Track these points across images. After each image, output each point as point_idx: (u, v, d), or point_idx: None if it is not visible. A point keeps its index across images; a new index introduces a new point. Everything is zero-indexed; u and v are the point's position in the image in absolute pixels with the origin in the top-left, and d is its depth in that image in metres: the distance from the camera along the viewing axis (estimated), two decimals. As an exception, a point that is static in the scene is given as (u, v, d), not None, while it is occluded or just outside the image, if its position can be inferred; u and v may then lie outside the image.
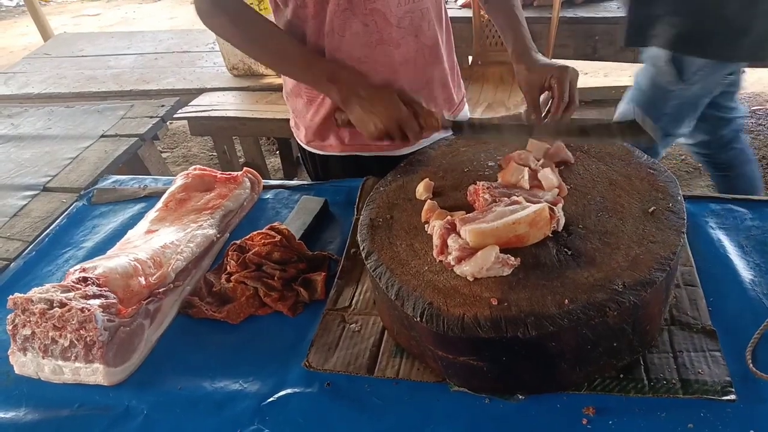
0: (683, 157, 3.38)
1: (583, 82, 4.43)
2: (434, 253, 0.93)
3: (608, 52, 3.19)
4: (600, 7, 3.16)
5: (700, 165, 3.28)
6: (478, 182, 1.03)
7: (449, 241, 0.91)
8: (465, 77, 3.09)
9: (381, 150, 1.41)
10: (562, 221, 0.95)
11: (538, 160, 1.08)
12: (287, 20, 1.27)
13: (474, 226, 0.89)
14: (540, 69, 1.21)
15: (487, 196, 0.99)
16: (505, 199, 0.97)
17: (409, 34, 1.27)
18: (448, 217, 0.96)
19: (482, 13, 3.08)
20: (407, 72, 1.31)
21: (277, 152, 3.58)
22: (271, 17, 1.31)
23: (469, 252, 0.88)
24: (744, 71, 2.16)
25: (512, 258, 0.87)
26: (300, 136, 1.49)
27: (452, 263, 0.89)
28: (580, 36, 3.17)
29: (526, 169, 1.04)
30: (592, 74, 4.44)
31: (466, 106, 1.57)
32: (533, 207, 0.90)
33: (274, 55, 1.26)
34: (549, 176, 1.02)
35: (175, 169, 3.73)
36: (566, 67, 1.18)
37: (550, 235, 0.92)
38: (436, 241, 0.93)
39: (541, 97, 1.21)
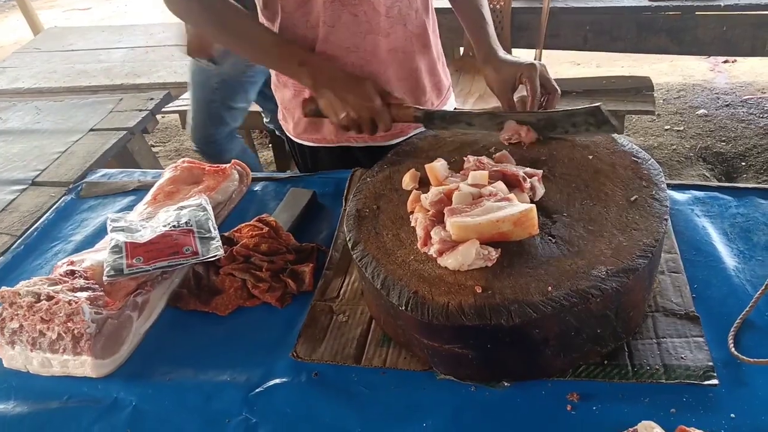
0: (674, 146, 3.39)
1: (574, 73, 4.44)
2: (419, 244, 0.93)
3: (600, 42, 3.19)
4: (591, -4, 3.16)
5: (691, 155, 3.30)
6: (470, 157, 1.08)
7: (432, 234, 0.91)
8: (456, 68, 3.08)
9: (371, 140, 1.41)
10: (540, 191, 0.99)
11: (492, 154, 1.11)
12: (277, 11, 1.26)
13: (457, 220, 0.89)
14: (508, 68, 1.21)
15: (471, 163, 1.04)
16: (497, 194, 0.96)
17: (397, 23, 1.27)
18: (432, 211, 0.95)
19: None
20: (395, 60, 1.31)
21: (270, 145, 3.57)
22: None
23: (450, 245, 0.88)
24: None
25: (493, 252, 0.87)
26: (288, 129, 1.49)
27: (434, 255, 0.90)
28: (571, 26, 3.16)
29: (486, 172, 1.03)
30: (584, 64, 4.45)
31: (453, 95, 1.57)
32: (520, 206, 0.89)
33: (245, 40, 1.25)
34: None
35: (167, 162, 3.71)
36: (533, 64, 1.18)
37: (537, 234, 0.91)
38: (419, 232, 0.93)
39: (515, 97, 1.21)
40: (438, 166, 1.04)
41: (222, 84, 2.35)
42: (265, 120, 2.85)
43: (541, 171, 1.02)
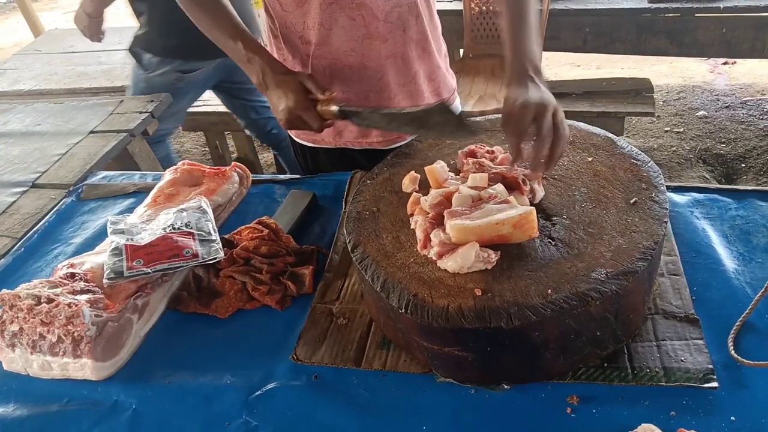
0: (674, 148, 3.39)
1: (574, 74, 4.43)
2: (418, 246, 0.93)
3: (599, 43, 3.20)
4: (591, -2, 3.17)
5: (691, 156, 3.30)
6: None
7: (432, 236, 0.91)
8: (456, 70, 3.07)
9: (368, 144, 1.41)
10: (540, 194, 0.99)
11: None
12: (279, 12, 1.26)
13: (457, 222, 0.89)
14: (520, 108, 0.98)
15: (469, 160, 1.04)
16: (496, 197, 0.96)
17: (396, 29, 1.27)
18: (432, 213, 0.96)
19: (473, 5, 3.08)
20: (394, 65, 1.31)
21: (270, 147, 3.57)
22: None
23: (449, 248, 0.89)
24: None
25: (493, 254, 0.87)
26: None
27: (434, 258, 0.90)
28: (570, 28, 3.17)
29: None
30: (584, 66, 4.45)
31: (458, 100, 1.57)
32: (520, 209, 0.89)
33: (212, 28, 1.24)
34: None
35: (167, 164, 3.71)
36: (546, 105, 0.98)
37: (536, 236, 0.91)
38: (419, 235, 0.94)
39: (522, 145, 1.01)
40: (438, 168, 1.04)
41: (149, 90, 2.38)
42: (242, 125, 2.86)
43: (541, 173, 1.02)
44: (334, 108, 1.14)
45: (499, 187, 0.97)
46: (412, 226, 0.99)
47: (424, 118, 1.07)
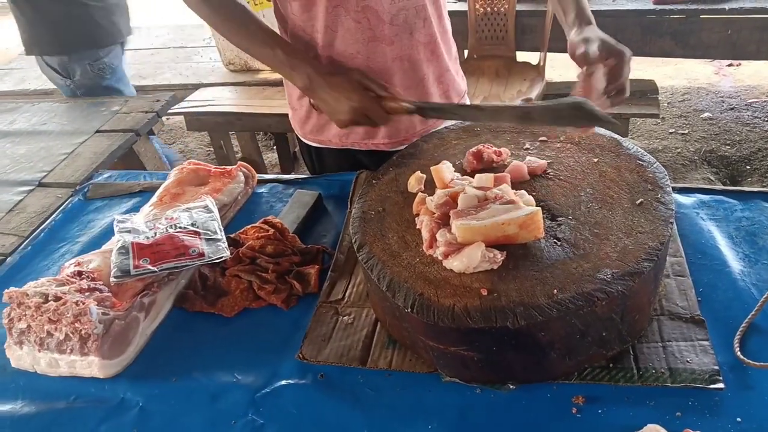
0: (678, 150, 3.39)
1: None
2: (424, 246, 0.93)
3: (604, 45, 3.18)
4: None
5: (696, 158, 3.29)
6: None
7: (438, 236, 0.91)
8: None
9: (374, 145, 1.42)
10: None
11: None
12: (287, 15, 1.27)
13: (463, 222, 0.89)
14: (604, 44, 1.02)
15: (471, 158, 1.08)
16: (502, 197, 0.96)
17: (403, 32, 1.27)
18: (438, 213, 0.96)
19: (477, 6, 3.08)
20: (401, 69, 1.31)
21: (274, 147, 3.58)
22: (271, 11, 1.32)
23: (455, 247, 0.89)
24: None
25: (499, 254, 0.87)
26: (295, 127, 1.49)
27: (440, 258, 0.90)
28: (575, 29, 3.16)
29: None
30: (589, 68, 4.44)
31: (467, 101, 1.56)
32: (526, 209, 0.89)
33: (243, 36, 1.23)
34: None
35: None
36: (627, 51, 1.02)
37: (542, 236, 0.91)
38: (425, 235, 0.94)
39: (594, 75, 1.02)
40: (443, 168, 1.05)
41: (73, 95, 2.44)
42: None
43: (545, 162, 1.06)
44: (406, 105, 1.14)
45: (506, 188, 0.97)
46: (417, 226, 0.99)
47: (556, 112, 1.02)
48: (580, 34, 1.07)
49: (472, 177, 1.04)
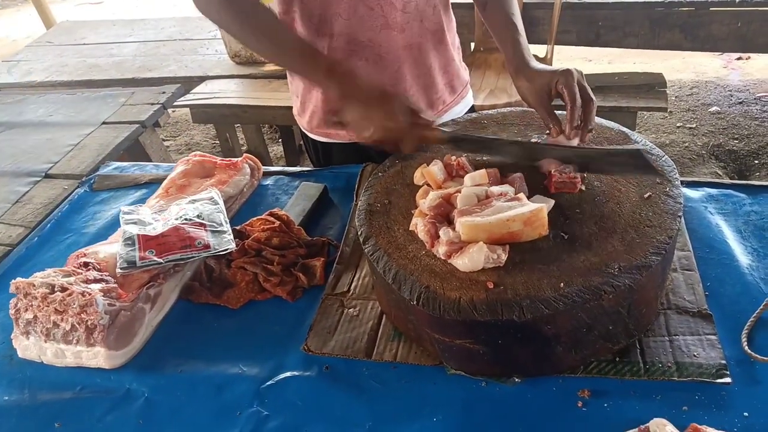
0: (686, 144, 3.36)
1: (586, 69, 4.40)
2: (426, 246, 0.93)
3: (612, 37, 3.17)
4: (604, -8, 3.14)
5: (703, 152, 3.27)
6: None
7: (441, 234, 0.91)
8: (467, 63, 3.06)
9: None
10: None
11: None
12: (294, 3, 1.26)
13: (467, 219, 0.89)
14: (542, 77, 1.09)
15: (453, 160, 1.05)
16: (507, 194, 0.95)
17: (414, 19, 1.27)
18: (430, 214, 0.95)
19: None
20: (410, 57, 1.31)
21: (280, 140, 3.58)
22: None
23: (457, 246, 0.88)
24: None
25: (503, 255, 0.86)
26: (302, 122, 1.49)
27: (442, 257, 0.89)
28: (583, 21, 3.14)
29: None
30: (596, 61, 4.42)
31: (470, 93, 1.56)
32: (530, 206, 0.89)
33: (269, 42, 1.18)
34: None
35: (177, 157, 3.73)
36: (568, 70, 1.06)
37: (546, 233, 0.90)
38: (423, 237, 0.93)
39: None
40: (434, 170, 1.03)
41: None
42: None
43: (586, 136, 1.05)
44: (442, 135, 1.08)
45: (507, 186, 0.96)
46: (411, 228, 0.97)
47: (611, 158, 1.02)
48: (523, 80, 1.14)
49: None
